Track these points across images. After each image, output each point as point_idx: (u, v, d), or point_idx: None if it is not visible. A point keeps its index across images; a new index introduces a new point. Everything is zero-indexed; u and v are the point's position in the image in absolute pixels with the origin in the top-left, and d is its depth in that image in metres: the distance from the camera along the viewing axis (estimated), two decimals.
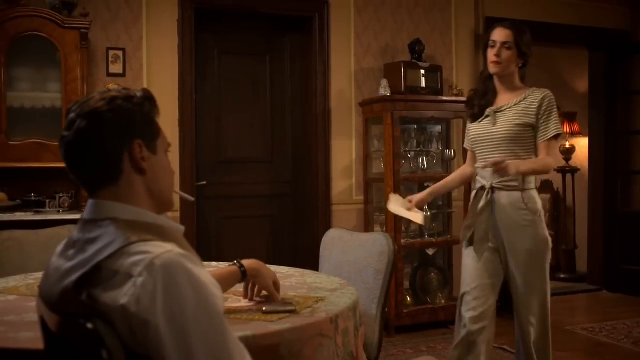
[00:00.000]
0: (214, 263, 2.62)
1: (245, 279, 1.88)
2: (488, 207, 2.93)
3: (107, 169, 1.30)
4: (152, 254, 1.16)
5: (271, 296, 1.89)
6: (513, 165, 2.75)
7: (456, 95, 4.89)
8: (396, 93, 4.70)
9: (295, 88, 5.08)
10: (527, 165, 2.85)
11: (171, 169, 1.42)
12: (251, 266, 1.89)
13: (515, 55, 2.92)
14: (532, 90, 2.96)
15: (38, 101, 3.96)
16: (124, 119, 1.30)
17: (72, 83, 3.87)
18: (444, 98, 4.85)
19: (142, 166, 1.32)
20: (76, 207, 3.96)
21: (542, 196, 7.16)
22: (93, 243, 1.23)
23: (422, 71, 4.81)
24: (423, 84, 4.79)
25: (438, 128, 5.11)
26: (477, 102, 3.04)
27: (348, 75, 4.93)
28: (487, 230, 2.96)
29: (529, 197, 2.90)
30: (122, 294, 1.14)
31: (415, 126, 4.96)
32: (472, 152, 3.14)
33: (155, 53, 4.39)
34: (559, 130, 2.90)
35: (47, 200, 3.91)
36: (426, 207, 4.45)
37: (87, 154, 1.28)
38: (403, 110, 4.65)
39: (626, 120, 6.19)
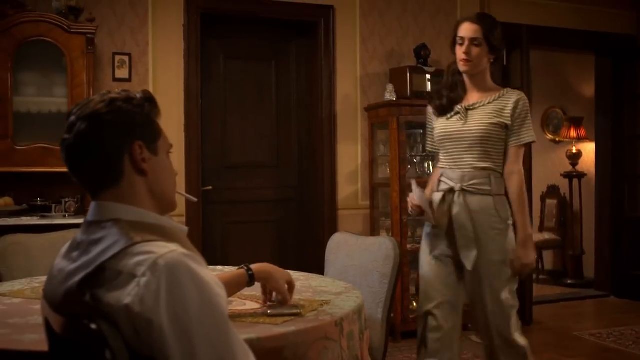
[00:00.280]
0: (219, 267, 2.61)
1: (252, 283, 1.84)
2: (464, 212, 2.68)
3: (108, 171, 1.30)
4: (156, 254, 1.16)
5: (282, 297, 1.86)
6: (528, 239, 2.66)
7: None
8: (402, 98, 4.69)
9: (301, 93, 5.09)
10: (526, 218, 2.69)
11: (173, 170, 1.42)
12: (261, 269, 1.85)
13: (485, 51, 2.70)
14: (507, 90, 2.77)
15: (44, 106, 3.97)
16: (124, 121, 1.30)
17: (78, 88, 3.88)
18: None
19: (143, 167, 1.32)
20: (82, 212, 3.96)
21: (549, 202, 7.32)
22: (97, 244, 1.23)
23: (428, 76, 4.81)
24: (429, 89, 4.78)
25: None
26: (447, 94, 2.80)
27: (354, 80, 4.93)
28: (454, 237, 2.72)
29: (501, 203, 2.71)
30: (126, 294, 1.14)
31: (421, 131, 4.92)
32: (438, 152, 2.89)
33: (161, 58, 4.40)
34: (533, 137, 2.73)
35: (53, 204, 3.92)
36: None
37: (88, 156, 1.29)
38: (409, 115, 4.64)
39: (633, 124, 6.17)
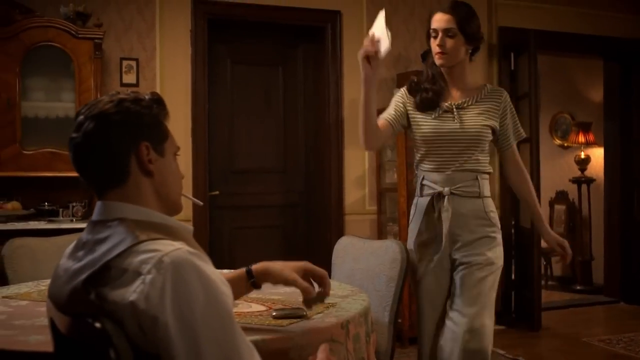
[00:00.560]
0: (225, 270, 2.60)
1: (252, 279, 1.69)
2: (454, 217, 2.53)
3: (114, 170, 1.30)
4: (161, 252, 1.15)
5: (296, 286, 1.66)
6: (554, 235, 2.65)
7: None
8: None
9: (308, 97, 5.09)
10: (539, 209, 2.70)
11: (179, 172, 1.42)
12: (259, 266, 1.71)
13: (461, 41, 2.52)
14: (490, 87, 2.68)
15: (52, 111, 3.99)
16: (131, 121, 1.30)
17: (86, 93, 3.89)
18: None
19: (149, 168, 1.32)
20: (89, 216, 3.95)
21: (558, 207, 7.28)
22: (102, 243, 1.23)
23: None
24: None
25: None
26: (430, 86, 2.60)
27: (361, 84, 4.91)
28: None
29: (490, 206, 2.57)
30: (131, 291, 1.13)
31: None
32: (390, 125, 2.68)
33: (168, 63, 4.42)
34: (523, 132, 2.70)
35: (61, 209, 3.94)
36: None
37: (95, 155, 1.29)
38: None
39: None
